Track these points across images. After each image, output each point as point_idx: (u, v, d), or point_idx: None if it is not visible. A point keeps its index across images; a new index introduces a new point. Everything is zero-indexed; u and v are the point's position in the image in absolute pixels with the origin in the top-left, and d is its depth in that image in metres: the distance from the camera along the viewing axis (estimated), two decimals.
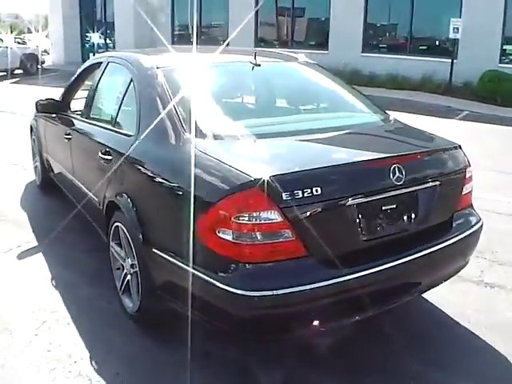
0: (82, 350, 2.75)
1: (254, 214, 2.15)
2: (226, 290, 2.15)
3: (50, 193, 5.19)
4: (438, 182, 2.71)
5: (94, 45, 21.37)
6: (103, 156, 3.15)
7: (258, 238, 2.17)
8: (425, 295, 3.41)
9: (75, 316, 3.08)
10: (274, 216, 2.16)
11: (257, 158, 2.46)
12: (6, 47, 18.44)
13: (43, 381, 2.53)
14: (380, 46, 14.88)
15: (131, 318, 2.97)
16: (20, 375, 2.56)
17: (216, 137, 2.63)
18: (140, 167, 2.75)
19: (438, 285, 2.94)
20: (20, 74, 18.31)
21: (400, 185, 2.51)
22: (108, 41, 20.89)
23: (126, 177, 2.90)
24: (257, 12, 16.72)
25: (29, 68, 18.98)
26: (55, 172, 4.77)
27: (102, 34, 21.16)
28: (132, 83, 3.14)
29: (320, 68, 3.79)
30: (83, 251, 3.94)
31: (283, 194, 2.16)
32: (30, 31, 36.78)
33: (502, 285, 3.63)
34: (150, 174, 2.66)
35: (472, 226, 2.92)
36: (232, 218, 2.14)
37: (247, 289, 2.14)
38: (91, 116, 3.78)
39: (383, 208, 2.51)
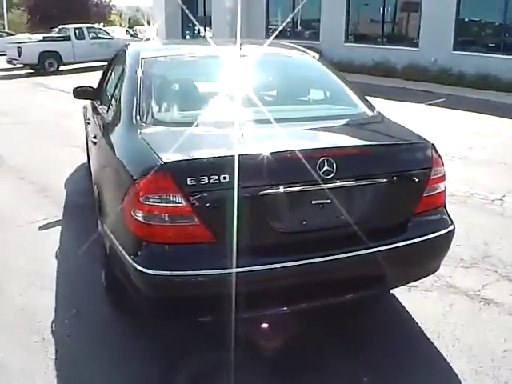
0: (51, 313, 3.05)
1: (160, 197, 2.26)
2: (135, 268, 2.30)
3: None
4: (384, 180, 2.57)
5: (194, 38, 22.37)
6: (93, 140, 3.44)
7: (164, 219, 2.27)
8: (403, 301, 3.30)
9: (60, 283, 3.40)
10: (179, 199, 2.25)
11: (181, 145, 2.53)
12: (111, 38, 19.93)
13: (6, 334, 2.86)
14: (471, 44, 14.00)
15: (105, 290, 3.22)
16: None
17: (164, 124, 2.77)
18: (102, 150, 2.98)
19: (386, 289, 2.83)
20: None
21: (330, 179, 2.42)
22: (207, 34, 21.71)
23: (98, 158, 3.14)
24: (348, 7, 16.47)
25: None
26: None
27: (201, 27, 22.04)
28: (124, 71, 3.38)
29: (323, 62, 3.73)
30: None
31: (188, 179, 2.24)
32: (145, 24, 39.03)
33: (499, 302, 3.35)
34: (105, 156, 2.87)
35: (435, 231, 2.74)
36: (141, 199, 2.27)
37: (150, 267, 2.26)
38: (101, 102, 4.09)
39: (313, 202, 2.44)
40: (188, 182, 2.24)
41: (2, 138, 7.70)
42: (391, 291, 3.37)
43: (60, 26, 19.75)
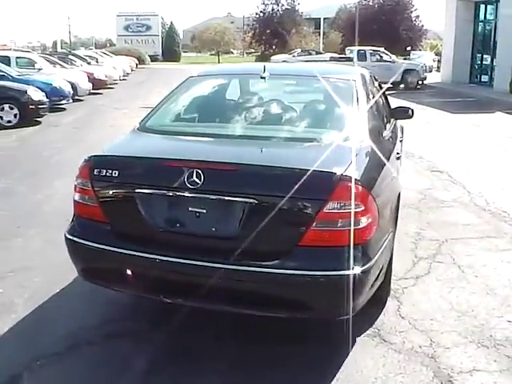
0: None
1: (79, 181, 3.00)
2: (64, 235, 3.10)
3: None
4: (253, 201, 2.60)
5: (481, 66, 21.29)
6: None
7: (80, 198, 3.03)
8: (359, 352, 3.04)
9: None
10: (88, 184, 2.94)
11: (122, 146, 3.29)
12: (392, 62, 20.62)
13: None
14: None
15: None
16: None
17: (148, 131, 3.44)
18: None
19: (254, 312, 2.79)
20: (400, 88, 20.25)
21: (195, 189, 2.64)
22: (494, 63, 20.37)
23: None
24: None
25: (409, 83, 20.65)
26: None
27: (489, 55, 20.78)
28: None
29: (357, 87, 3.55)
30: None
31: (95, 170, 2.91)
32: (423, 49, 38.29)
33: None
34: None
35: (314, 270, 2.57)
36: (76, 182, 3.04)
37: (67, 231, 3.06)
38: None
39: (190, 209, 2.72)
40: (95, 172, 2.92)
41: None
42: (357, 339, 3.16)
43: (347, 48, 21.40)
